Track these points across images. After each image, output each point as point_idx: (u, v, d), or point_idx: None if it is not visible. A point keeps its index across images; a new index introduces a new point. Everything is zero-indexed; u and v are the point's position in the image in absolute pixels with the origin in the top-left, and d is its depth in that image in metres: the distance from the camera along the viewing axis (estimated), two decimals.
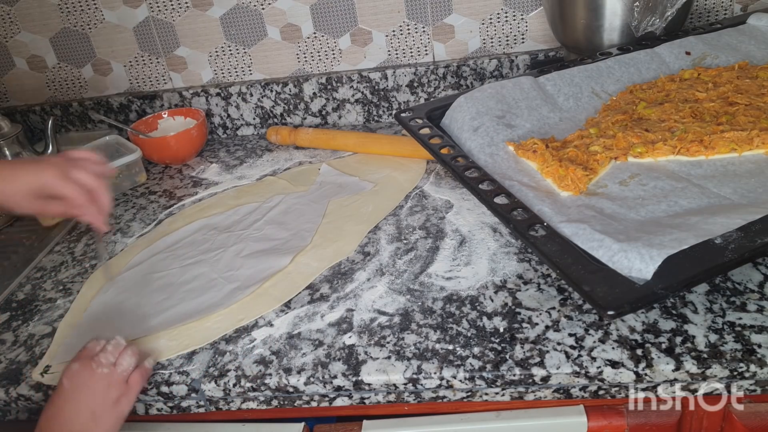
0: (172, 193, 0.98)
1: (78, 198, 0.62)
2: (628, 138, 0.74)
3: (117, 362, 0.59)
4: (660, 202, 0.64)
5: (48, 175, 0.61)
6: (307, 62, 1.10)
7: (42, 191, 0.62)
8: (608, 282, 0.53)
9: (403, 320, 0.64)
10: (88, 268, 0.83)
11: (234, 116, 1.14)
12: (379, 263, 0.74)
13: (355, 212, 0.84)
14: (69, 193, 0.62)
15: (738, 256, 0.53)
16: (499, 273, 0.69)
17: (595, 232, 0.58)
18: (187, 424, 0.67)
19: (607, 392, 0.58)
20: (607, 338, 0.58)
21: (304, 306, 0.69)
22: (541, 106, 0.82)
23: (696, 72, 0.85)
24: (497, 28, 1.05)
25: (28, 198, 0.62)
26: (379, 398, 0.61)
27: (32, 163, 0.63)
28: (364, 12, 1.05)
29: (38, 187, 0.62)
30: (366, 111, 1.11)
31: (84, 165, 0.64)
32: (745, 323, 0.58)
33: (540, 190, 0.67)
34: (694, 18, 1.03)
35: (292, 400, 0.62)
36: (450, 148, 0.75)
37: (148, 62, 1.14)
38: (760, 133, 0.70)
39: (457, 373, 0.58)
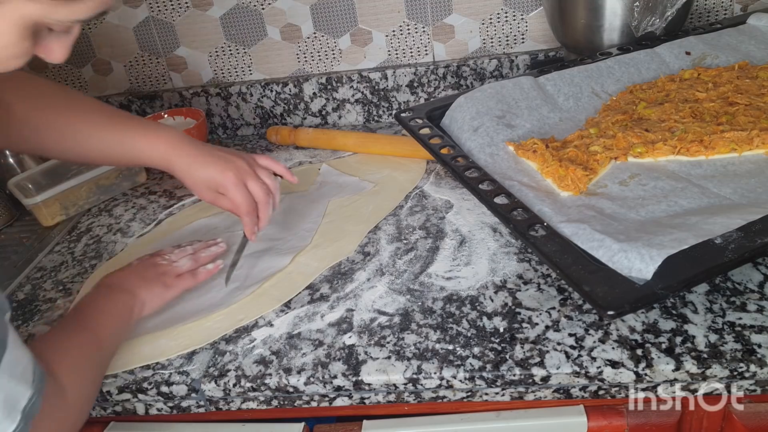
0: (172, 193, 0.98)
1: (243, 207, 0.68)
2: (628, 138, 0.74)
3: (176, 261, 0.70)
4: (660, 202, 0.64)
5: (227, 177, 0.67)
6: (307, 62, 1.10)
7: (218, 188, 0.68)
8: (608, 282, 0.53)
9: (403, 320, 0.64)
10: (88, 268, 0.83)
11: (234, 116, 1.14)
12: (379, 263, 0.74)
13: (355, 212, 0.84)
14: (237, 199, 0.68)
15: (738, 256, 0.54)
16: (499, 273, 0.69)
17: (595, 232, 0.58)
18: (187, 424, 0.67)
19: (607, 392, 0.58)
20: (607, 338, 0.58)
21: (304, 306, 0.69)
22: (541, 106, 0.82)
23: (696, 72, 0.85)
24: (497, 28, 1.05)
25: (206, 189, 0.69)
26: (379, 398, 0.61)
27: (220, 159, 0.68)
28: (364, 12, 1.05)
29: (215, 184, 0.68)
30: (366, 111, 1.11)
31: (264, 174, 0.69)
32: (745, 323, 0.58)
33: (540, 190, 0.67)
34: (694, 18, 1.03)
35: (292, 400, 0.62)
36: (450, 148, 0.75)
37: (148, 62, 1.14)
38: (760, 133, 0.70)
39: (457, 373, 0.58)
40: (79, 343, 0.58)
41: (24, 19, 0.39)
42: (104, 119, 0.68)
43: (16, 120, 0.66)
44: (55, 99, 0.68)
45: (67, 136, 0.67)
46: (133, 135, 0.68)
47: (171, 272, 0.69)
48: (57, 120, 0.67)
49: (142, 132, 0.68)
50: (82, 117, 0.68)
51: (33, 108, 0.66)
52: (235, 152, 0.71)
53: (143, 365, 0.64)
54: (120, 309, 0.64)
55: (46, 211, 0.93)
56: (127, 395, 0.63)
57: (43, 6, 0.38)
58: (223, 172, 0.67)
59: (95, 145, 0.68)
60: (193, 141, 0.70)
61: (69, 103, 0.68)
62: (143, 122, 0.70)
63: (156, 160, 0.69)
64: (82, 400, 0.55)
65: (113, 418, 0.68)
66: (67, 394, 0.53)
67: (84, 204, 0.97)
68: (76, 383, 0.55)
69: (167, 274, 0.69)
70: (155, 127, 0.70)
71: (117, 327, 0.63)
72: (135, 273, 0.68)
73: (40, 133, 0.67)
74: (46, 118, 0.66)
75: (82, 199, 0.96)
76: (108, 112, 0.69)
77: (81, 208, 0.96)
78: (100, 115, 0.69)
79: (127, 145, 0.68)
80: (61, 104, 0.67)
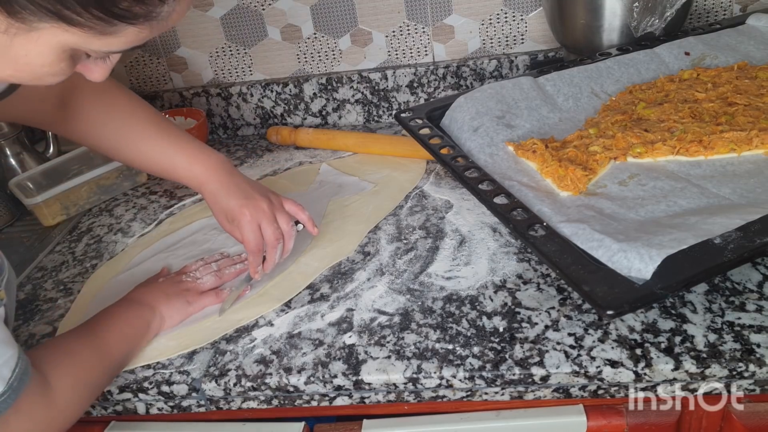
0: (173, 192, 0.98)
1: (250, 245, 0.69)
2: (628, 138, 0.74)
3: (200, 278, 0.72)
4: (659, 202, 0.64)
5: (243, 213, 0.69)
6: (308, 62, 1.11)
7: (233, 219, 0.70)
8: (608, 282, 0.53)
9: (403, 320, 0.65)
10: (88, 268, 0.83)
11: (234, 116, 1.15)
12: (379, 263, 0.74)
13: (355, 212, 0.84)
14: (246, 237, 0.69)
15: (737, 256, 0.54)
16: (498, 273, 0.69)
17: (595, 232, 0.58)
18: (188, 424, 0.67)
19: (607, 392, 0.58)
20: (606, 338, 0.59)
21: (304, 306, 0.69)
22: (540, 107, 0.82)
23: (695, 72, 0.85)
24: (497, 28, 1.05)
25: (224, 218, 0.71)
26: (379, 398, 0.61)
27: (244, 195, 0.70)
28: (364, 12, 1.05)
29: (232, 217, 0.70)
30: (366, 111, 1.11)
31: (282, 219, 0.71)
32: (744, 323, 0.58)
33: (540, 190, 0.67)
34: (694, 18, 1.03)
35: (293, 400, 0.62)
36: (450, 148, 0.75)
37: (149, 62, 1.14)
38: (759, 134, 0.70)
39: (457, 372, 0.58)
40: (82, 349, 0.58)
41: (61, 45, 0.42)
42: (156, 131, 0.72)
43: (82, 116, 0.71)
44: (122, 105, 0.72)
45: (120, 140, 0.72)
46: (176, 152, 0.72)
47: (194, 289, 0.71)
48: (115, 124, 0.71)
49: (185, 151, 0.72)
50: (137, 126, 0.72)
51: (102, 109, 0.71)
52: (263, 191, 0.72)
53: (144, 365, 0.64)
54: (135, 322, 0.64)
55: (46, 210, 0.93)
56: (127, 395, 0.63)
57: (79, 37, 0.41)
58: (241, 208, 0.69)
59: (143, 153, 0.73)
60: (229, 169, 0.73)
61: (130, 110, 0.72)
62: (190, 142, 0.73)
63: (190, 180, 0.73)
64: (72, 404, 0.55)
65: (114, 417, 0.68)
66: (55, 396, 0.53)
67: (85, 204, 0.97)
68: (69, 387, 0.55)
69: (190, 290, 0.70)
70: (200, 149, 0.73)
71: (128, 339, 0.63)
72: (158, 288, 0.69)
73: (98, 133, 0.72)
74: (108, 121, 0.71)
75: (83, 199, 0.96)
76: (162, 126, 0.73)
77: (82, 208, 0.97)
78: (155, 126, 0.72)
79: (168, 160, 0.72)
80: (127, 111, 0.72)
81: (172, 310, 0.68)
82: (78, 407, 0.56)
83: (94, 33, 0.41)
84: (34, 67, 0.43)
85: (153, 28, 0.43)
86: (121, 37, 0.42)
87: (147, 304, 0.66)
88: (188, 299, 0.69)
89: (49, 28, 0.40)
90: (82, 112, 0.71)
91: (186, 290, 0.70)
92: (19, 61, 0.42)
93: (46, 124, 0.73)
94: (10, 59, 0.42)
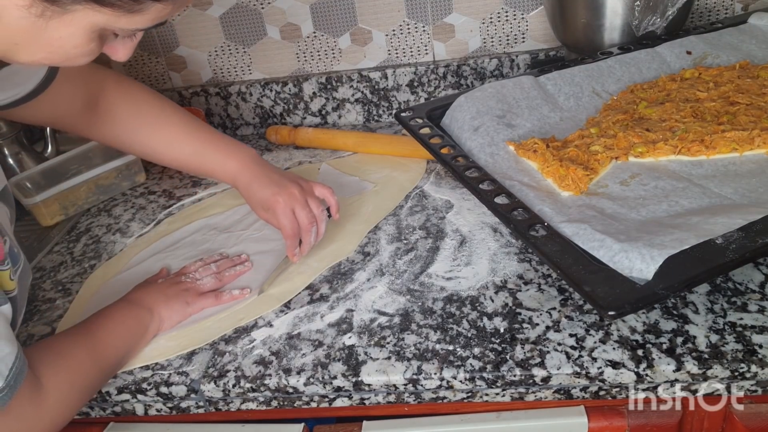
0: (172, 193, 0.98)
1: (286, 230, 0.72)
2: (629, 138, 0.73)
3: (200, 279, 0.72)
4: (661, 202, 0.64)
5: (277, 201, 0.72)
6: (307, 62, 1.10)
7: (269, 208, 0.73)
8: (609, 282, 0.53)
9: (403, 320, 0.64)
10: (87, 268, 0.82)
11: (233, 116, 1.14)
12: (379, 263, 0.73)
13: (355, 212, 0.84)
14: (282, 223, 0.72)
15: (739, 257, 0.53)
16: (499, 273, 0.69)
17: (596, 232, 0.58)
18: (187, 425, 0.67)
19: (608, 393, 0.58)
20: (607, 339, 0.58)
21: (303, 306, 0.69)
22: (541, 106, 0.82)
23: (697, 71, 0.85)
24: (497, 27, 1.05)
25: (260, 207, 0.74)
26: (379, 399, 0.61)
27: (276, 184, 0.73)
28: (364, 11, 1.05)
29: (267, 206, 0.73)
30: (366, 111, 1.11)
31: (314, 204, 0.73)
32: (746, 323, 0.58)
33: (540, 190, 0.67)
34: (695, 17, 1.03)
35: (292, 401, 0.62)
36: (450, 147, 0.74)
37: (148, 61, 1.13)
38: (761, 133, 0.70)
39: (458, 373, 0.57)
40: (77, 350, 0.58)
41: (92, 25, 0.45)
42: (187, 132, 0.76)
43: (113, 119, 0.74)
44: (151, 106, 0.76)
45: (153, 141, 0.76)
46: (208, 150, 0.76)
47: (193, 290, 0.70)
48: (147, 128, 0.75)
49: (218, 149, 0.76)
50: (169, 126, 0.76)
51: (132, 112, 0.75)
52: (293, 178, 0.75)
53: (142, 365, 0.64)
54: (133, 324, 0.64)
55: (45, 210, 0.93)
56: (126, 396, 0.63)
57: (108, 16, 0.44)
58: (274, 196, 0.72)
59: (176, 153, 0.77)
60: (260, 162, 0.76)
61: (161, 112, 0.76)
62: (222, 139, 0.77)
63: (224, 176, 0.76)
64: (63, 406, 0.55)
65: (112, 418, 0.68)
66: (46, 396, 0.53)
67: (83, 204, 0.96)
68: (60, 388, 0.54)
69: (189, 291, 0.70)
70: (232, 145, 0.77)
71: (125, 341, 0.63)
72: (157, 290, 0.69)
73: (130, 136, 0.76)
74: (141, 123, 0.75)
75: (82, 199, 0.96)
76: (194, 125, 0.77)
77: (80, 208, 0.96)
78: (186, 127, 0.76)
79: (202, 159, 0.76)
80: (156, 112, 0.76)
81: (171, 312, 0.67)
82: (69, 409, 0.56)
83: (123, 12, 0.44)
84: (66, 48, 0.46)
85: (176, 4, 0.46)
86: (147, 14, 0.45)
87: (145, 306, 0.66)
88: (187, 300, 0.69)
89: (82, 9, 0.43)
90: (112, 115, 0.74)
91: (185, 291, 0.70)
92: (53, 44, 0.45)
93: (73, 126, 0.74)
94: (44, 42, 0.45)
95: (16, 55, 0.47)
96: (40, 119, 0.74)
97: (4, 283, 0.53)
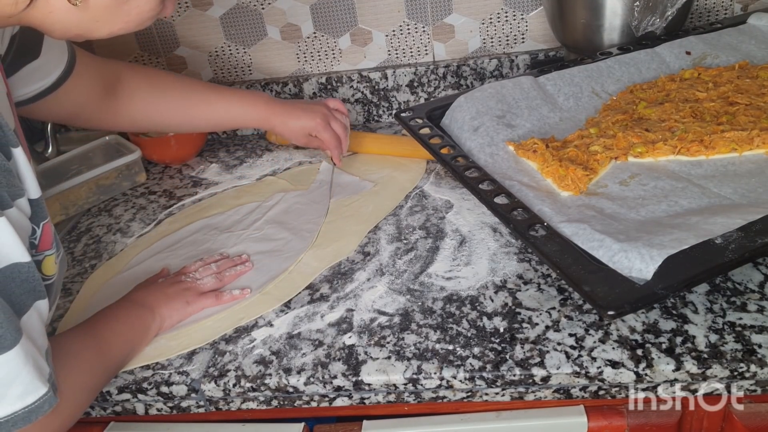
0: (172, 193, 0.98)
1: (332, 142, 0.88)
2: (629, 138, 0.74)
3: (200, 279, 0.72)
4: (660, 202, 0.64)
5: (318, 123, 0.86)
6: (307, 62, 1.10)
7: (310, 132, 0.87)
8: (608, 282, 0.53)
9: (403, 320, 0.64)
10: (87, 268, 0.83)
11: None
12: (379, 263, 0.74)
13: (355, 212, 0.84)
14: (327, 138, 0.87)
15: (738, 256, 0.54)
16: (499, 273, 0.69)
17: (596, 232, 0.58)
18: (187, 425, 0.67)
19: (608, 392, 0.58)
20: (607, 338, 0.58)
21: (304, 306, 0.69)
22: (541, 106, 0.82)
23: (696, 72, 0.85)
24: (497, 27, 1.05)
25: (301, 135, 0.88)
26: (379, 398, 0.61)
27: (307, 111, 0.87)
28: (364, 12, 1.05)
29: (309, 129, 0.87)
30: (366, 111, 1.11)
31: (338, 116, 0.90)
32: (746, 323, 0.58)
33: (540, 190, 0.67)
34: (695, 18, 1.03)
35: (292, 401, 0.62)
36: (450, 147, 0.75)
37: (148, 62, 1.13)
38: (760, 133, 0.70)
39: (457, 373, 0.58)
40: (85, 351, 0.58)
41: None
42: (208, 92, 0.85)
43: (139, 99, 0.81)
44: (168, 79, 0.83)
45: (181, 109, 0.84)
46: (234, 103, 0.85)
47: (194, 289, 0.70)
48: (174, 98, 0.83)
49: (242, 100, 0.86)
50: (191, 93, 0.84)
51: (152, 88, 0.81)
52: (313, 103, 0.89)
53: (143, 365, 0.64)
54: (136, 324, 0.64)
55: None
56: (126, 395, 0.63)
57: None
58: (314, 120, 0.86)
59: (204, 114, 0.85)
60: (279, 100, 0.88)
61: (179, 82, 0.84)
62: (238, 91, 0.87)
63: (257, 121, 0.87)
64: (73, 406, 0.55)
65: (113, 418, 0.68)
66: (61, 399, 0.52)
67: (84, 204, 0.97)
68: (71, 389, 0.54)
69: (190, 290, 0.70)
70: (249, 94, 0.88)
71: (129, 341, 0.63)
72: (158, 289, 0.69)
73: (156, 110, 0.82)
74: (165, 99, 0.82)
75: (82, 199, 0.96)
76: (209, 87, 0.86)
77: (81, 208, 0.96)
78: (204, 88, 0.85)
79: (232, 112, 0.85)
80: (174, 83, 0.83)
81: (172, 311, 0.67)
82: (78, 409, 0.56)
83: None
84: (143, 14, 0.51)
85: None
86: None
87: (147, 306, 0.66)
88: (187, 300, 0.69)
89: None
90: (133, 95, 0.80)
91: (185, 290, 0.70)
92: (132, 13, 0.50)
93: (97, 115, 0.78)
94: (123, 14, 0.50)
95: (95, 32, 0.50)
96: (63, 112, 0.76)
97: (49, 267, 0.53)
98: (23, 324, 0.47)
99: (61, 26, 0.49)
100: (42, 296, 0.50)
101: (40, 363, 0.47)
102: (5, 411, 0.45)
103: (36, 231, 0.51)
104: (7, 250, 0.46)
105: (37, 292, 0.49)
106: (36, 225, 0.51)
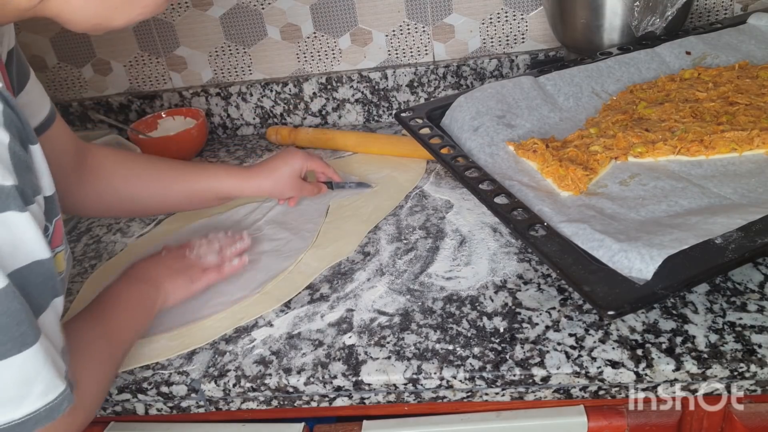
0: None
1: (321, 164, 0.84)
2: (629, 138, 0.74)
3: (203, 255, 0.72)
4: (660, 202, 0.64)
5: (298, 159, 0.81)
6: (307, 62, 1.10)
7: (300, 172, 0.81)
8: (608, 282, 0.53)
9: (403, 320, 0.64)
10: (87, 268, 0.83)
11: (234, 116, 1.14)
12: (379, 263, 0.74)
13: (355, 212, 0.84)
14: (317, 162, 0.84)
15: (738, 256, 0.54)
16: (499, 273, 0.69)
17: (596, 232, 0.58)
18: (187, 425, 0.67)
19: (608, 392, 0.58)
20: (607, 338, 0.58)
21: (304, 306, 0.69)
22: (541, 106, 0.82)
23: (696, 72, 0.85)
24: (497, 27, 1.05)
25: (292, 180, 0.81)
26: (379, 398, 0.61)
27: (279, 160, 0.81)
28: (364, 12, 1.05)
29: (297, 169, 0.81)
30: (366, 111, 1.11)
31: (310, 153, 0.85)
32: (746, 323, 0.58)
33: (540, 190, 0.67)
34: (695, 18, 1.03)
35: (292, 400, 0.62)
36: (450, 148, 0.75)
37: (148, 62, 1.14)
38: (760, 133, 0.70)
39: (457, 373, 0.58)
40: (96, 340, 0.57)
41: None
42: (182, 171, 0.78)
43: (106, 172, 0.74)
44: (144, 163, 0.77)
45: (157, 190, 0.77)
46: (208, 177, 0.78)
47: (197, 267, 0.71)
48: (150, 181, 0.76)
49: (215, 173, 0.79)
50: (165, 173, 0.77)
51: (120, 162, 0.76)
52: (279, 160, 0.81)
53: (143, 365, 0.64)
54: (142, 302, 0.64)
55: None
56: (126, 395, 0.63)
57: None
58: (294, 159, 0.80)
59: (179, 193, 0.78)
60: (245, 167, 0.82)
61: (153, 165, 0.77)
62: (208, 166, 0.81)
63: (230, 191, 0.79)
64: (91, 396, 0.53)
65: (113, 418, 0.68)
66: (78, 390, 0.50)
67: None
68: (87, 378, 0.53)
69: (193, 267, 0.70)
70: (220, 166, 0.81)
71: (137, 323, 0.63)
72: (161, 263, 0.69)
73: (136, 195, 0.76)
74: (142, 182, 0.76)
75: None
76: (182, 166, 0.79)
77: None
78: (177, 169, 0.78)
79: (206, 186, 0.78)
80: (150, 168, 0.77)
81: (176, 287, 0.67)
82: (97, 402, 0.55)
83: None
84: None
85: None
86: None
87: (151, 281, 0.66)
88: (192, 276, 0.69)
89: None
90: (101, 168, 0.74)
91: (189, 266, 0.70)
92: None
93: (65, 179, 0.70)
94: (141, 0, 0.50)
95: (114, 20, 0.50)
96: None
97: (60, 263, 0.52)
98: (41, 321, 0.46)
99: (79, 16, 0.49)
100: (59, 293, 0.49)
101: (57, 360, 0.47)
102: (29, 408, 0.44)
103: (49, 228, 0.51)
104: (31, 247, 0.45)
105: (55, 289, 0.48)
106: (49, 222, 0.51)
